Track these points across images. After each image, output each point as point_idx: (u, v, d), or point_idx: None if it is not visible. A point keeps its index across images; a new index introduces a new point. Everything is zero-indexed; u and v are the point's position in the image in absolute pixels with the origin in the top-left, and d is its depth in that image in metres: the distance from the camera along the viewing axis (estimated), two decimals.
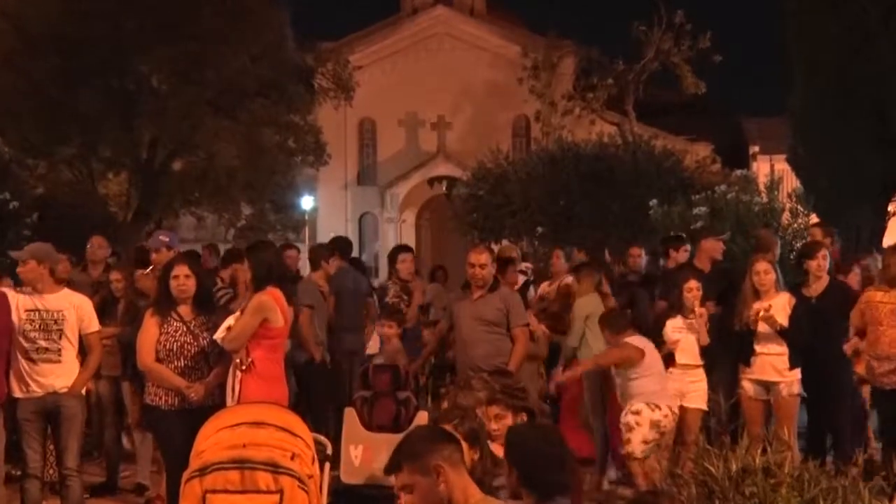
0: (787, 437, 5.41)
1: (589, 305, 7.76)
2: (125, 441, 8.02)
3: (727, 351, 7.22)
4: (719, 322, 7.24)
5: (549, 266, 9.76)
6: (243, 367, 5.67)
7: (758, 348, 6.86)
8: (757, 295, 6.89)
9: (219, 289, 7.83)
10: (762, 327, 6.79)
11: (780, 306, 6.84)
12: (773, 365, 6.83)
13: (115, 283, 7.62)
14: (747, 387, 6.95)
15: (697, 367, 6.91)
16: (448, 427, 3.85)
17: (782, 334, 6.76)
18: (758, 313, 6.75)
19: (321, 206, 31.94)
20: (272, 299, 5.74)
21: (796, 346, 6.80)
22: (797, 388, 6.82)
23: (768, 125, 26.21)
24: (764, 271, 6.88)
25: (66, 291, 6.29)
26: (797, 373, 6.82)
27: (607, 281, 8.21)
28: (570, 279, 8.33)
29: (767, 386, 6.86)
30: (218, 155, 19.64)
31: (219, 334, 5.72)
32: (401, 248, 9.40)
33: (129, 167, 20.53)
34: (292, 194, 26.99)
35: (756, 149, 29.23)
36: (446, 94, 30.99)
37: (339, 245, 9.14)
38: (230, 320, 5.76)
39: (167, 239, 7.75)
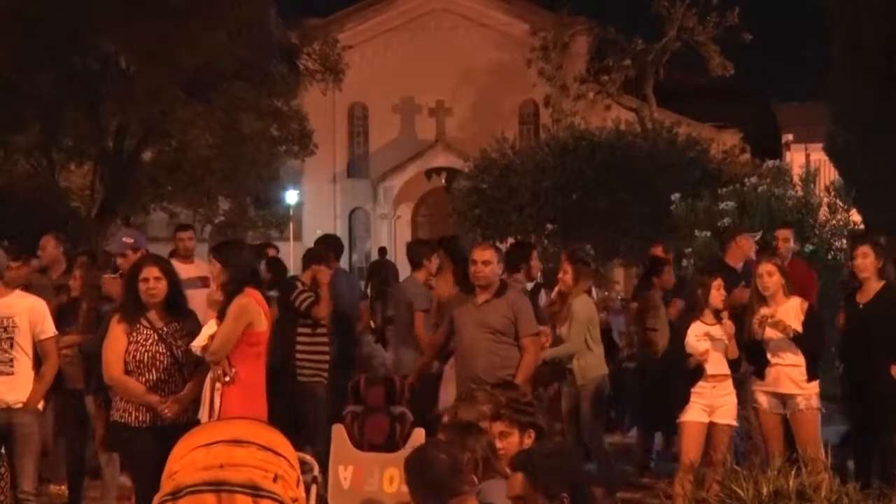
0: (816, 456, 5.40)
1: (590, 307, 7.79)
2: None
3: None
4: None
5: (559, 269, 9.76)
6: (226, 379, 5.64)
7: (771, 358, 6.87)
8: (764, 301, 6.90)
9: (300, 292, 7.94)
10: (772, 334, 6.80)
11: (789, 312, 6.84)
12: (788, 376, 6.84)
13: (73, 282, 7.56)
14: (762, 400, 6.96)
15: (726, 377, 6.91)
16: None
17: (797, 341, 6.76)
18: (762, 319, 6.75)
19: (307, 200, 31.96)
20: (255, 302, 5.72)
21: (812, 354, 6.81)
22: (816, 402, 6.84)
23: (803, 110, 26.17)
24: (767, 273, 6.88)
25: (17, 294, 6.26)
26: (816, 385, 6.84)
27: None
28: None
29: (783, 399, 6.87)
30: (192, 144, 19.66)
31: (199, 342, 5.68)
32: (525, 245, 9.26)
33: (93, 157, 20.56)
34: (275, 188, 27.03)
35: (790, 137, 29.23)
36: (446, 77, 31.01)
37: (333, 245, 9.21)
38: (211, 327, 5.72)
39: (131, 240, 7.71)
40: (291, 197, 30.58)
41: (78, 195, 22.65)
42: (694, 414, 6.85)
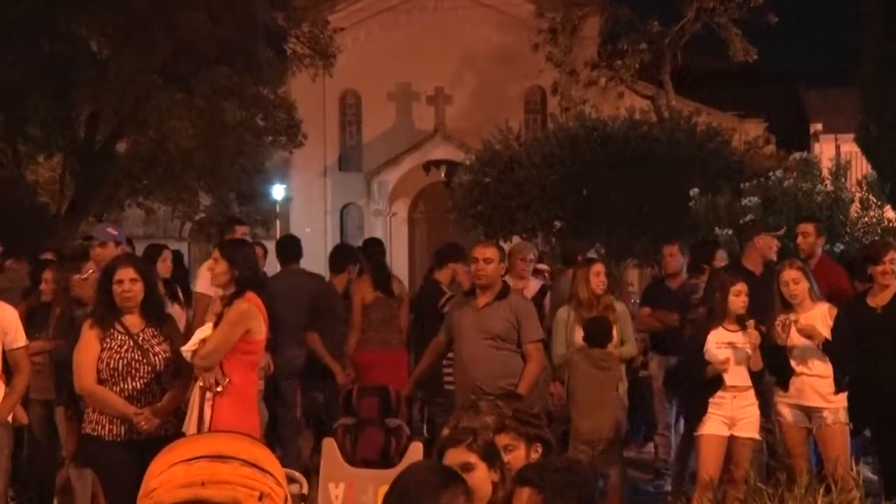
0: (845, 473, 5.41)
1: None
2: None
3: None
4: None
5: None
6: (219, 389, 5.64)
7: (796, 368, 6.88)
8: (789, 308, 6.90)
9: (449, 297, 8.13)
10: (798, 341, 6.80)
11: (816, 318, 6.84)
12: (814, 388, 6.85)
13: (45, 286, 7.59)
14: (785, 413, 6.97)
15: (748, 388, 6.92)
16: (460, 449, 3.83)
17: (826, 349, 6.77)
18: (783, 324, 6.74)
19: (295, 195, 31.95)
20: (255, 307, 5.73)
21: (841, 364, 6.82)
22: (844, 416, 6.86)
23: (833, 98, 26.18)
24: (794, 280, 6.89)
25: None
26: (843, 398, 6.85)
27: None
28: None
29: (809, 412, 6.88)
30: (170, 134, 19.65)
31: (190, 346, 5.69)
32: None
33: (62, 149, 20.53)
34: (260, 182, 27.02)
35: (818, 127, 29.25)
36: (445, 62, 30.99)
37: (284, 247, 9.14)
38: (205, 331, 5.73)
39: (116, 232, 7.75)
40: (278, 192, 30.55)
41: (46, 190, 22.64)
42: (713, 426, 6.86)
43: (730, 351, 6.86)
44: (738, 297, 6.91)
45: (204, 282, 8.14)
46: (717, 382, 6.86)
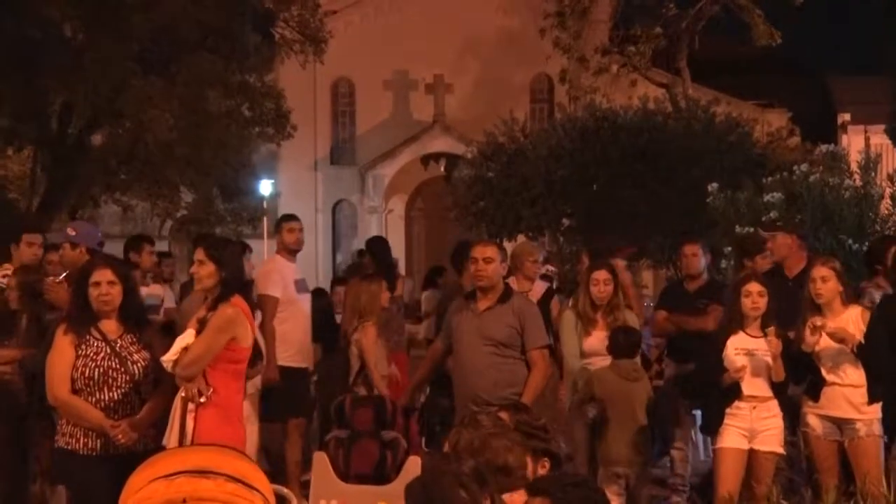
0: (877, 490, 5.43)
1: None
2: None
3: None
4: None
5: (577, 271, 9.84)
6: (202, 400, 5.65)
7: (828, 376, 6.88)
8: (817, 310, 6.90)
9: None
10: (828, 346, 6.80)
11: (848, 323, 6.84)
12: (846, 397, 6.85)
13: (8, 289, 7.58)
14: (814, 424, 6.97)
15: (769, 399, 6.92)
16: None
17: (859, 354, 6.77)
18: (813, 328, 6.74)
19: (284, 191, 31.96)
20: (242, 313, 5.74)
21: (875, 372, 6.82)
22: (878, 428, 6.86)
23: (862, 87, 26.23)
24: (822, 279, 6.88)
25: None
26: (877, 409, 6.86)
27: None
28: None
29: (840, 424, 6.89)
30: (150, 125, 19.62)
31: (171, 355, 5.70)
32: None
33: (33, 141, 20.54)
34: (247, 176, 27.00)
35: (847, 117, 29.29)
36: (445, 48, 31.01)
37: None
38: (187, 338, 5.73)
39: (74, 232, 7.72)
40: (265, 187, 30.56)
41: (16, 185, 22.67)
42: (731, 439, 6.87)
43: (747, 358, 6.87)
44: (747, 298, 6.90)
45: (266, 282, 8.29)
46: (734, 391, 6.86)
